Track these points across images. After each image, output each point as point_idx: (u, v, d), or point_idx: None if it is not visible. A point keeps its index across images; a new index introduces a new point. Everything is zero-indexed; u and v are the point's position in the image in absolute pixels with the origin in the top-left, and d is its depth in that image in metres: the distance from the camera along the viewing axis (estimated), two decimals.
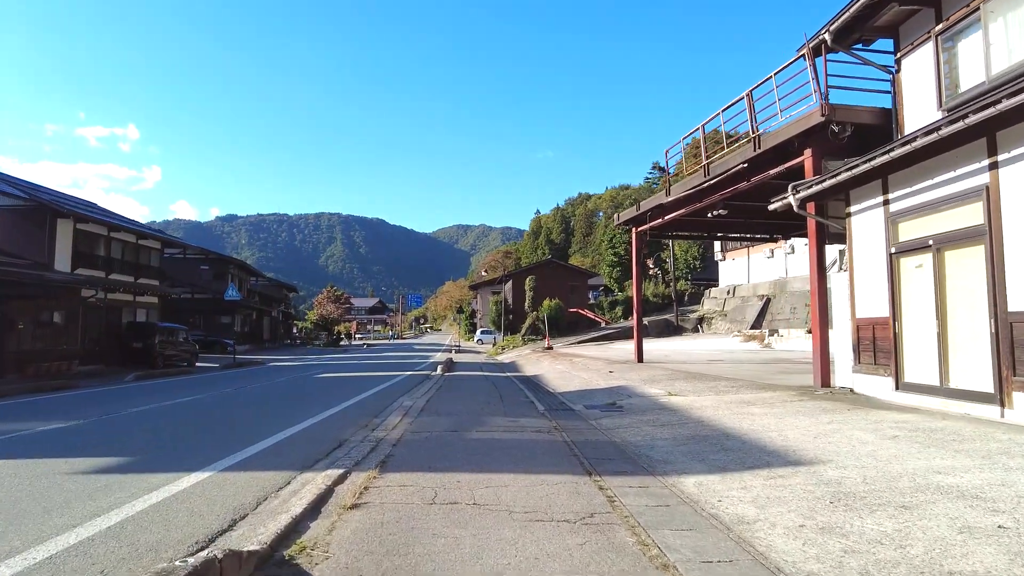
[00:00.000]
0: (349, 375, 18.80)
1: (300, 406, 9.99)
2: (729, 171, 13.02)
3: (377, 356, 34.91)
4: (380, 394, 12.12)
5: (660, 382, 12.28)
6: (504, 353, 35.99)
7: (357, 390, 12.81)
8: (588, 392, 11.79)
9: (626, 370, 15.79)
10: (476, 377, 17.66)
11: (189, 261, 44.26)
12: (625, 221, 18.71)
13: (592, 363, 19.25)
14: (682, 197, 15.12)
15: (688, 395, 10.29)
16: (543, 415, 8.75)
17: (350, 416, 8.64)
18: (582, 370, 17.49)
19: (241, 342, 44.19)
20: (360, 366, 24.30)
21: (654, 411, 8.68)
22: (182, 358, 25.22)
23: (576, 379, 14.89)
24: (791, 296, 36.63)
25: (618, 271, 58.13)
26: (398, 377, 17.50)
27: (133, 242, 25.35)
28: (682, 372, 14.33)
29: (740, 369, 15.45)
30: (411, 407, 9.34)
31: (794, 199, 9.97)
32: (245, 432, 7.14)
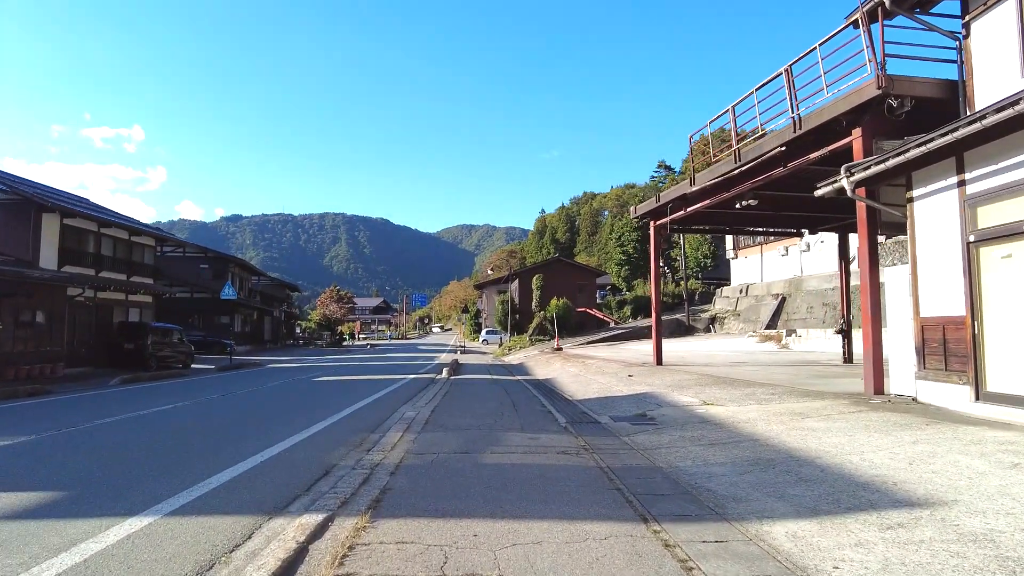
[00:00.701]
0: (348, 379, 17.69)
1: (289, 417, 8.88)
2: (763, 156, 11.84)
3: (380, 357, 33.81)
4: (380, 402, 10.99)
5: (689, 388, 11.11)
6: (511, 354, 34.84)
7: (355, 397, 11.68)
8: (610, 400, 10.62)
9: (646, 374, 14.62)
10: (484, 381, 16.52)
11: (188, 260, 43.32)
12: (643, 214, 17.53)
13: (607, 366, 18.09)
14: (708, 186, 13.94)
15: (726, 404, 9.12)
16: (566, 429, 7.60)
17: (343, 431, 7.50)
18: (598, 374, 16.33)
19: (241, 342, 43.20)
20: (361, 368, 23.20)
21: (694, 425, 7.52)
22: (177, 360, 24.16)
23: (593, 384, 13.73)
24: (807, 295, 35.38)
25: (626, 270, 56.87)
26: (401, 381, 16.38)
27: (125, 239, 24.31)
28: (709, 376, 13.15)
29: (770, 373, 14.27)
30: (414, 419, 8.20)
31: (848, 182, 8.78)
32: (215, 453, 6.01)
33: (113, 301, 23.54)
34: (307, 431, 7.40)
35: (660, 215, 17.02)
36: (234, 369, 23.88)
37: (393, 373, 19.79)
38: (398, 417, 8.49)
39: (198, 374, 21.31)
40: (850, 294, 18.84)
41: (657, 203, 16.30)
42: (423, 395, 11.80)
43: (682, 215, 15.82)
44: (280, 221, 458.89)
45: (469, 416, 8.61)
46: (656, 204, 16.42)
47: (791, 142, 11.12)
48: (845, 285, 18.59)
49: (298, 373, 20.57)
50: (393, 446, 6.24)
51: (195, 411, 9.76)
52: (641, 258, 56.70)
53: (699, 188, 14.20)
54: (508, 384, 15.33)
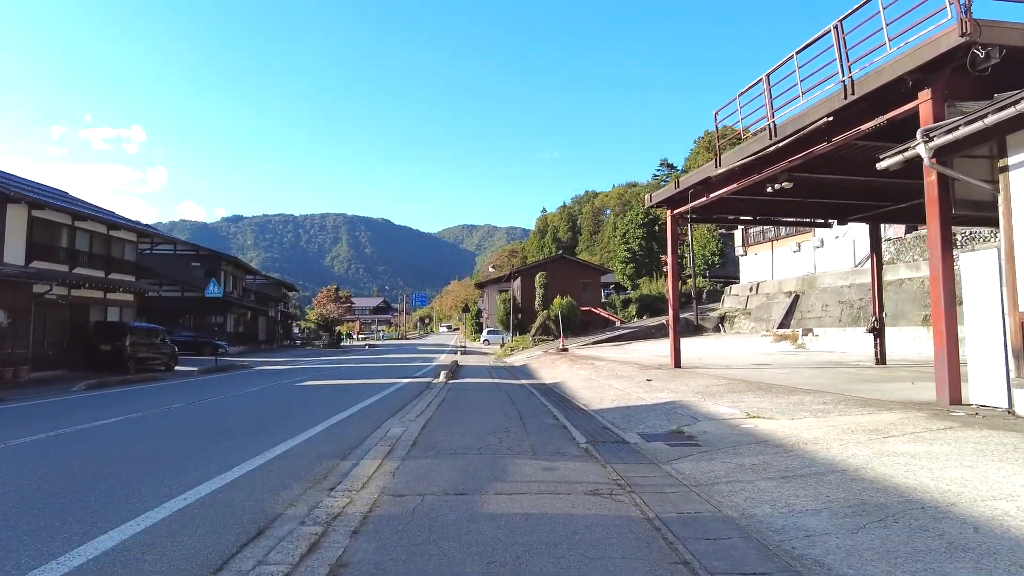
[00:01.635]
0: (337, 383, 16.19)
1: (250, 434, 7.37)
2: (805, 129, 10.30)
3: (377, 358, 32.31)
4: (365, 413, 9.46)
5: (721, 396, 9.59)
6: (513, 355, 33.31)
7: (337, 406, 10.17)
8: (633, 411, 9.09)
9: (667, 378, 13.10)
10: (486, 387, 15.00)
11: (179, 258, 41.88)
12: (660, 202, 15.99)
13: (619, 368, 16.56)
14: (736, 168, 12.41)
15: (775, 417, 7.60)
16: (587, 453, 6.08)
17: (308, 456, 5.97)
18: (611, 377, 14.80)
19: (235, 343, 41.73)
20: (354, 371, 21.70)
21: (749, 447, 5.99)
22: (159, 361, 22.69)
23: (609, 390, 12.19)
24: (822, 293, 33.90)
25: (631, 267, 55.34)
26: (393, 386, 14.87)
27: (103, 233, 22.81)
28: (738, 381, 11.62)
29: (803, 376, 12.76)
30: (400, 438, 6.68)
31: (925, 149, 7.26)
32: (121, 494, 4.46)
33: (90, 300, 22.04)
34: (263, 456, 5.88)
35: (678, 203, 15.51)
36: (219, 372, 22.40)
37: (387, 376, 18.28)
38: (381, 435, 6.95)
39: (178, 377, 19.84)
40: (882, 289, 17.33)
41: (676, 189, 14.76)
42: (416, 404, 10.28)
43: (704, 202, 14.30)
44: (281, 221, 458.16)
45: (467, 433, 7.09)
46: (675, 190, 14.88)
47: (840, 111, 9.59)
48: (877, 280, 17.08)
49: (285, 376, 19.08)
50: (365, 482, 4.72)
51: (141, 426, 8.23)
52: (647, 255, 55.23)
53: (726, 170, 12.66)
54: (512, 390, 13.81)
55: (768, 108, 11.27)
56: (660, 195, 15.86)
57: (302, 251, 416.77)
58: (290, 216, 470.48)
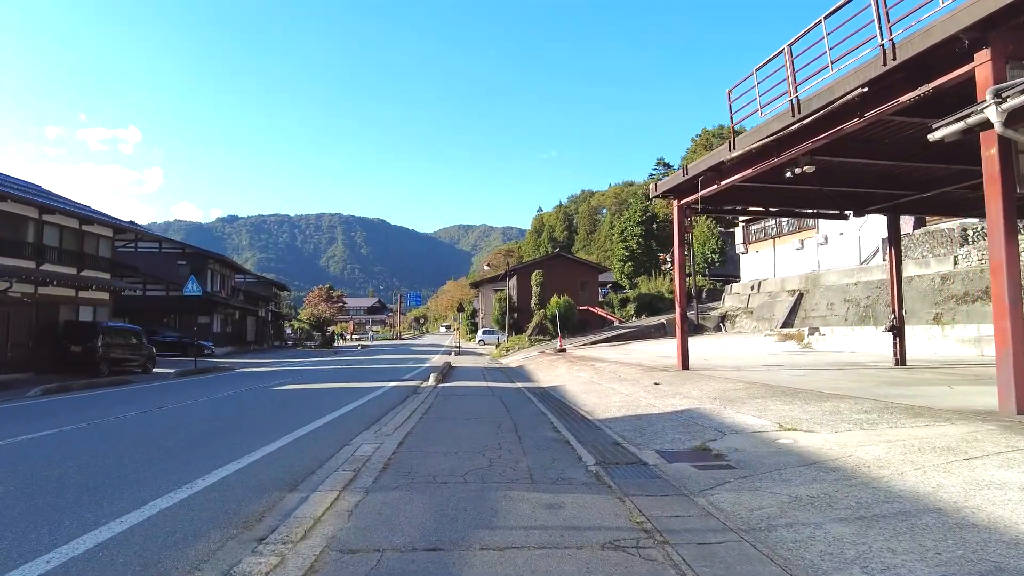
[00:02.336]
0: (317, 387, 14.99)
1: (192, 451, 6.18)
2: (834, 103, 9.16)
3: (367, 359, 31.08)
4: (337, 424, 8.27)
5: (743, 403, 8.44)
6: (509, 355, 32.13)
7: (309, 415, 8.98)
8: (646, 421, 7.92)
9: (676, 381, 11.95)
10: (478, 391, 13.82)
11: (165, 256, 40.56)
12: (666, 191, 14.83)
13: (622, 370, 15.41)
14: (753, 151, 11.27)
15: (815, 429, 6.46)
16: (599, 479, 4.91)
17: (250, 484, 4.78)
18: (614, 380, 13.65)
19: (222, 344, 40.45)
20: (340, 374, 20.49)
21: (796, 470, 4.84)
22: (135, 363, 21.45)
23: (614, 395, 11.01)
24: (827, 291, 32.91)
25: (629, 266, 54.19)
26: (378, 390, 13.68)
27: (75, 228, 21.51)
28: (756, 385, 10.48)
29: (824, 379, 11.64)
30: (369, 459, 5.50)
31: (996, 112, 6.12)
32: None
33: (60, 298, 20.76)
34: (194, 485, 4.68)
35: (686, 192, 14.37)
36: (197, 374, 21.16)
37: (373, 380, 17.08)
38: (348, 455, 5.76)
39: (152, 380, 18.60)
40: (901, 286, 16.26)
41: (684, 176, 13.60)
42: (398, 413, 9.09)
43: (715, 190, 13.15)
44: (276, 222, 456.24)
45: (452, 452, 5.91)
46: (683, 178, 13.72)
47: (876, 81, 8.46)
48: (897, 275, 16.01)
49: (264, 379, 17.86)
50: (310, 527, 3.53)
51: (72, 441, 7.00)
52: (645, 254, 54.12)
53: (741, 153, 11.52)
54: (507, 395, 12.64)
55: (790, 82, 10.13)
56: (666, 184, 14.71)
57: (297, 251, 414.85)
58: (285, 216, 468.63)
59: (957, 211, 17.22)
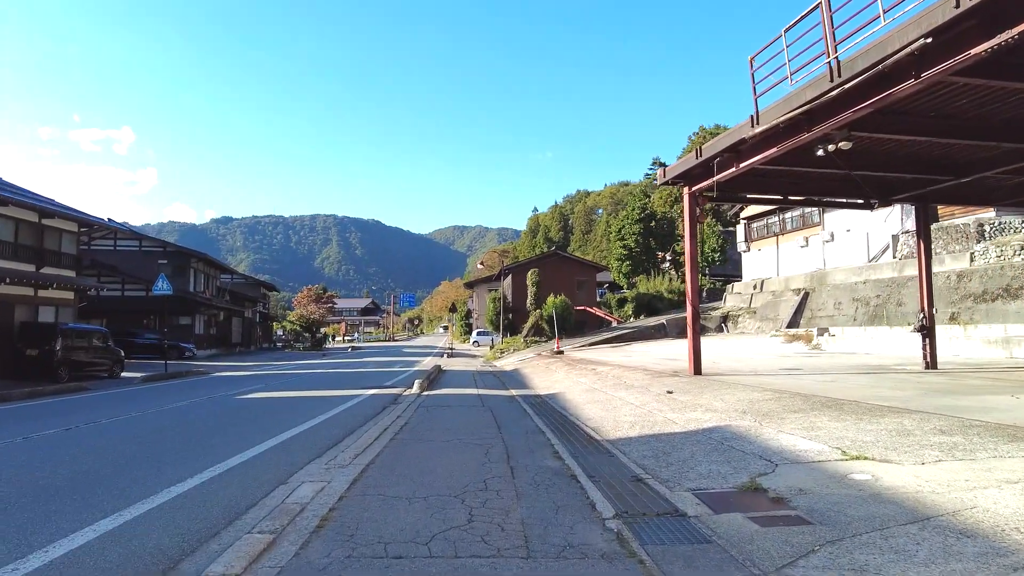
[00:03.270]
0: (289, 395, 13.46)
1: (72, 497, 4.65)
2: (886, 61, 7.70)
3: (354, 362, 29.53)
4: (285, 448, 6.70)
5: (780, 417, 6.97)
6: (503, 358, 30.62)
7: (260, 433, 7.46)
8: (667, 443, 6.41)
9: (692, 389, 10.48)
10: (467, 401, 12.29)
11: (145, 255, 38.91)
12: (676, 176, 13.32)
13: (627, 375, 13.92)
14: (780, 125, 9.79)
15: (893, 458, 4.98)
16: (622, 542, 3.41)
17: (101, 567, 3.28)
18: (620, 387, 12.16)
19: (205, 346, 38.83)
20: (320, 379, 18.94)
21: (904, 530, 3.36)
22: (101, 367, 19.89)
23: (623, 406, 9.52)
24: (834, 290, 31.60)
25: (627, 265, 52.77)
26: (353, 400, 12.15)
27: (33, 221, 19.90)
28: (787, 394, 9.02)
29: (857, 385, 10.21)
30: (304, 510, 3.98)
31: None
32: None
33: (15, 297, 19.15)
34: (39, 555, 3.18)
35: (698, 177, 12.90)
36: (166, 379, 19.58)
37: (352, 386, 15.54)
38: (277, 502, 4.22)
39: (113, 386, 17.02)
40: (931, 282, 14.90)
41: (698, 159, 12.10)
42: (366, 431, 7.55)
43: (732, 174, 11.67)
44: (271, 223, 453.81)
45: (420, 497, 4.39)
46: (696, 161, 12.22)
47: (943, 29, 7.01)
48: (926, 271, 14.63)
49: (236, 385, 16.30)
50: None
51: None
52: (643, 252, 52.73)
53: (766, 128, 10.04)
54: (499, 405, 11.12)
55: (828, 41, 8.65)
56: (677, 168, 13.21)
57: (292, 252, 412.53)
58: (280, 217, 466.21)
59: (989, 200, 15.81)
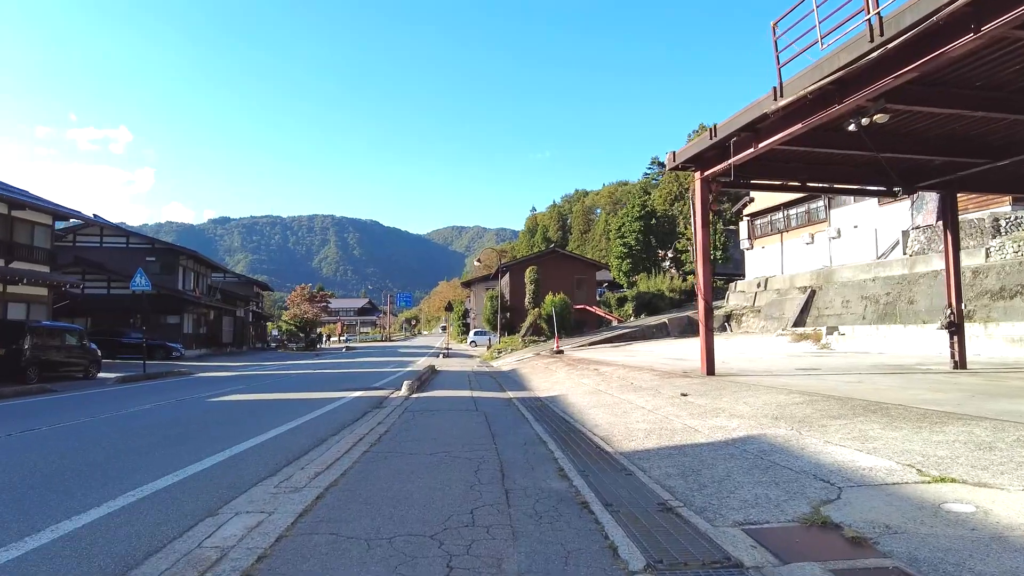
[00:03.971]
0: (267, 398, 12.39)
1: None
2: (940, 12, 6.68)
3: (346, 362, 28.45)
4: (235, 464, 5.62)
5: (822, 425, 5.93)
6: (501, 358, 29.56)
7: (215, 444, 6.40)
8: (693, 456, 5.35)
9: (707, 391, 9.43)
10: (459, 404, 11.22)
11: (132, 252, 37.82)
12: (687, 160, 12.25)
13: (634, 375, 12.87)
14: (808, 96, 8.74)
15: (991, 480, 3.92)
16: None
17: None
18: (627, 388, 11.11)
19: (194, 346, 37.73)
20: (305, 380, 17.86)
21: None
22: (74, 367, 18.77)
23: (634, 411, 8.46)
24: (841, 288, 30.59)
25: (628, 263, 51.71)
26: (334, 403, 11.07)
27: (2, 213, 18.83)
28: (817, 396, 7.97)
29: (887, 386, 9.18)
30: (226, 554, 2.93)
31: None
32: None
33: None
34: None
35: (712, 160, 11.84)
36: (144, 380, 18.48)
37: (337, 388, 14.47)
38: (183, 551, 3.11)
39: (84, 387, 15.92)
40: (960, 276, 13.89)
41: (712, 139, 11.02)
42: (336, 443, 6.47)
43: (750, 155, 10.62)
44: (268, 223, 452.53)
45: (384, 538, 3.31)
46: (709, 141, 11.15)
47: None
48: (954, 264, 13.61)
49: (214, 387, 15.23)
50: None
51: None
52: (644, 250, 51.68)
53: (791, 101, 8.98)
54: (495, 409, 10.05)
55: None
56: (688, 151, 12.12)
57: (290, 253, 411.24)
58: (277, 218, 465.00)
59: (1020, 187, 14.79)
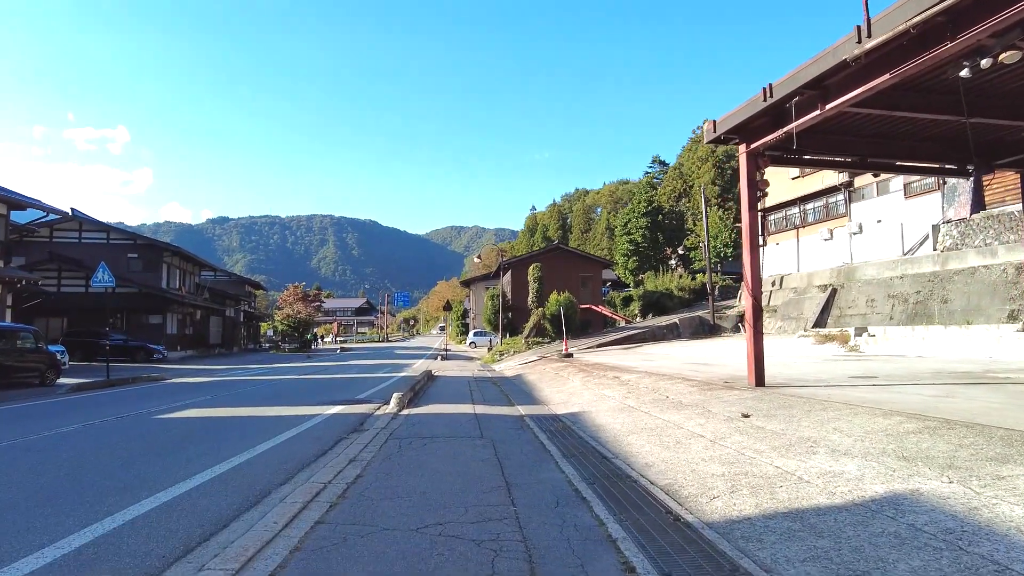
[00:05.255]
0: (226, 414, 10.37)
1: None
2: None
3: (336, 366, 26.45)
4: (96, 557, 3.69)
5: (994, 474, 3.95)
6: (503, 361, 27.55)
7: (90, 509, 4.43)
8: (831, 538, 3.36)
9: (772, 411, 7.41)
10: (459, 425, 9.19)
11: (113, 248, 35.81)
12: (729, 131, 10.19)
13: (665, 386, 10.84)
14: (913, 30, 6.71)
15: None
16: None
17: None
18: (665, 405, 9.09)
19: (179, 347, 35.72)
20: (282, 389, 15.85)
21: None
22: (27, 373, 16.78)
23: (690, 441, 6.43)
24: (865, 286, 28.58)
25: (634, 261, 49.73)
26: (305, 424, 9.06)
27: None
28: (933, 420, 5.97)
29: (1000, 404, 7.13)
30: None
31: None
32: None
33: None
34: None
35: (760, 129, 9.80)
36: (104, 387, 16.48)
37: (315, 400, 12.44)
38: None
39: (31, 397, 13.88)
40: None
41: (767, 100, 8.94)
42: (273, 509, 4.40)
43: (814, 119, 8.59)
44: (267, 223, 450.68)
45: None
46: (762, 104, 9.04)
47: None
48: None
49: (173, 398, 13.20)
50: None
51: None
52: (651, 247, 49.73)
53: (883, 41, 6.95)
54: (506, 436, 8.03)
55: None
56: (733, 118, 10.01)
57: (288, 253, 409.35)
58: (276, 218, 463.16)
59: None
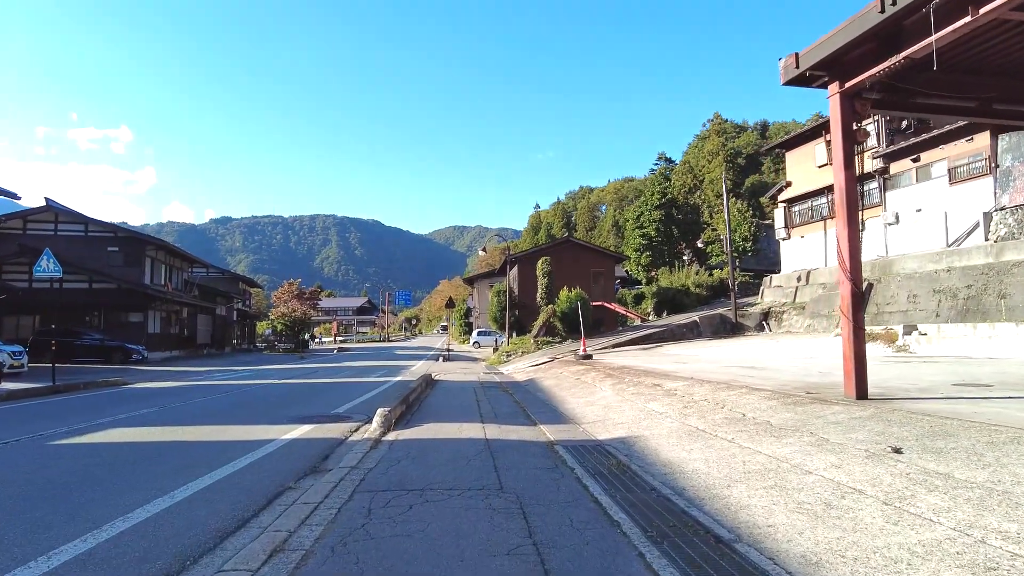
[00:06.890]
0: (161, 438, 7.95)
1: None
2: None
3: (327, 368, 24.04)
4: None
5: None
6: (511, 362, 25.08)
7: None
8: None
9: (922, 440, 4.93)
10: (464, 462, 6.69)
11: (92, 241, 33.50)
12: (816, 66, 7.72)
13: (730, 399, 8.36)
14: None
15: None
16: None
17: None
18: (750, 429, 6.62)
19: (162, 347, 33.34)
20: (250, 399, 13.42)
21: None
22: None
23: (846, 499, 3.98)
24: (906, 280, 25.97)
25: (647, 256, 47.13)
26: (251, 456, 6.63)
27: None
28: None
29: None
30: None
31: None
32: None
33: None
34: None
35: (859, 63, 7.32)
36: (48, 394, 14.07)
37: (279, 417, 9.94)
38: None
39: None
40: None
41: (883, 12, 6.53)
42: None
43: (925, 47, 6.15)
44: (270, 223, 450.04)
45: None
46: (875, 19, 6.64)
47: None
48: None
49: (111, 410, 10.77)
50: None
51: None
52: (665, 242, 47.15)
53: None
54: (537, 488, 5.57)
55: None
56: (828, 45, 7.45)
57: (291, 253, 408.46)
58: (279, 218, 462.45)
59: None
